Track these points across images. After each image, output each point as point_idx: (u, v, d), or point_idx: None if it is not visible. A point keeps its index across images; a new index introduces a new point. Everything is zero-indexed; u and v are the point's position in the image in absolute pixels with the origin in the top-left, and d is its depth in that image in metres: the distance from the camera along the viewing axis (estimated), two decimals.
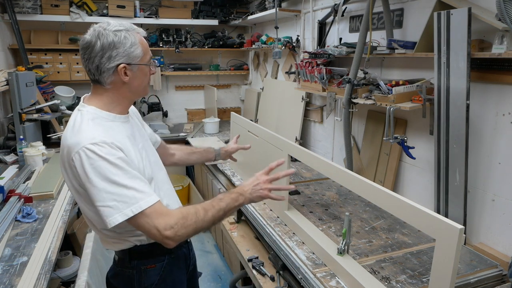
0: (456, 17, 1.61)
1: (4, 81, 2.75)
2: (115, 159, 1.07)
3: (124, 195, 1.06)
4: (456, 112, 1.68)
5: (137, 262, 1.27)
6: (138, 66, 1.18)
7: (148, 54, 1.22)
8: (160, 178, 1.33)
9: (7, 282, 1.37)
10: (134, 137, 1.25)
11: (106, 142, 1.07)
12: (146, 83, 1.25)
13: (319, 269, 1.50)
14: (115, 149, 1.08)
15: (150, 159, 1.30)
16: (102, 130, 1.11)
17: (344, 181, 1.47)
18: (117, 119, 1.21)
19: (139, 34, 1.20)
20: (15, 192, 2.07)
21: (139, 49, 1.17)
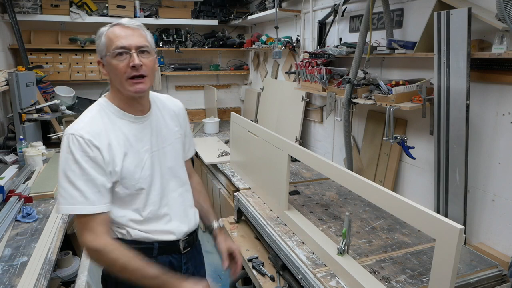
0: (456, 17, 1.61)
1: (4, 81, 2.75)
2: (81, 156, 1.08)
3: (69, 192, 1.08)
4: (456, 112, 1.68)
5: None
6: (106, 59, 1.13)
7: (112, 44, 1.11)
8: (168, 186, 1.27)
9: (7, 282, 1.37)
10: (141, 139, 1.20)
11: (83, 137, 1.08)
12: (120, 77, 1.12)
13: (319, 269, 1.50)
14: (88, 146, 1.08)
15: (162, 165, 1.25)
16: (92, 123, 1.12)
17: (344, 181, 1.47)
18: (126, 117, 1.18)
19: (113, 26, 1.14)
20: (15, 192, 2.07)
21: (102, 39, 1.13)
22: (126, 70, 1.11)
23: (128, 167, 1.15)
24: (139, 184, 1.18)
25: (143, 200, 1.20)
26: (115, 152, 1.13)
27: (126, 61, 1.11)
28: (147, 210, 1.21)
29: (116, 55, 1.11)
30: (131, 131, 1.18)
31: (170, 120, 1.32)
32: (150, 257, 1.20)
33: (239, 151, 2.64)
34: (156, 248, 1.24)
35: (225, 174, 2.76)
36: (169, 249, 1.27)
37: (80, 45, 3.80)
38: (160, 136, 1.27)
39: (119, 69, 1.11)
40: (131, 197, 1.19)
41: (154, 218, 1.23)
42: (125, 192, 1.17)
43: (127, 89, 1.13)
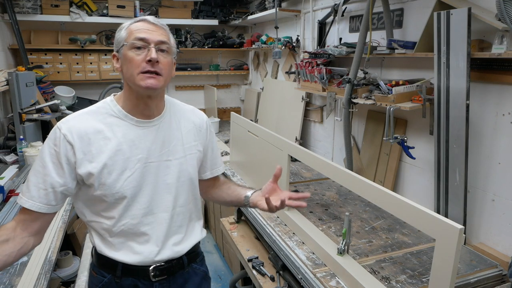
0: (456, 17, 1.61)
1: (4, 81, 2.75)
2: (48, 147, 1.04)
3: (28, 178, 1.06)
4: (456, 112, 1.68)
5: (92, 260, 1.22)
6: (122, 51, 1.07)
7: (132, 35, 1.05)
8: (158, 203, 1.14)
9: (7, 282, 1.37)
10: (137, 145, 1.10)
11: (60, 129, 1.04)
12: (133, 70, 1.04)
13: (319, 269, 1.50)
14: (59, 141, 1.03)
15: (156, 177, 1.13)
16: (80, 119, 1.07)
17: (344, 181, 1.47)
18: (127, 119, 1.10)
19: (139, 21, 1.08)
20: (15, 192, 2.07)
21: (123, 32, 1.07)
22: (141, 64, 1.04)
23: (109, 174, 1.06)
24: (119, 194, 1.07)
25: (120, 211, 1.09)
26: (96, 155, 1.05)
27: (143, 55, 1.04)
28: (122, 221, 1.10)
29: (133, 47, 1.04)
30: (128, 135, 1.09)
31: (187, 133, 1.20)
32: (114, 276, 1.14)
33: (239, 151, 2.64)
34: (119, 268, 1.14)
35: (225, 174, 2.76)
36: (135, 273, 1.15)
37: (80, 45, 3.80)
38: (165, 147, 1.14)
39: (134, 62, 1.04)
40: (109, 204, 1.09)
41: (129, 234, 1.11)
42: (102, 198, 1.08)
43: (137, 83, 1.04)
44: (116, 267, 1.14)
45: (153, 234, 1.14)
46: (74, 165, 1.04)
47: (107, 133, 1.07)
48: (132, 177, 1.09)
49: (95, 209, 1.11)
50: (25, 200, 1.03)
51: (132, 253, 1.13)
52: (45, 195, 1.04)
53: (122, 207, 1.09)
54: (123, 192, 1.08)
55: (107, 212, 1.10)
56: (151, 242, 1.14)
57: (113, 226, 1.10)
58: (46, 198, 1.04)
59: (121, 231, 1.11)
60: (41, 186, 1.03)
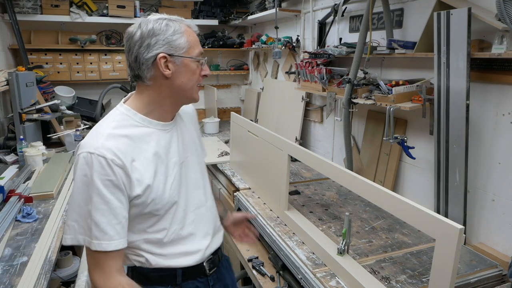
0: (456, 17, 1.61)
1: (4, 81, 2.75)
2: (101, 180, 0.94)
3: (82, 223, 0.96)
4: (456, 112, 1.68)
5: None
6: (182, 59, 1.02)
7: (196, 48, 1.05)
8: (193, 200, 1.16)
9: (7, 282, 1.37)
10: (169, 149, 1.08)
11: (104, 156, 0.94)
12: (193, 83, 1.06)
13: (319, 269, 1.50)
14: (111, 168, 0.94)
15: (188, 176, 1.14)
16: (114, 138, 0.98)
17: (344, 181, 1.47)
18: (152, 125, 1.05)
19: (187, 26, 1.04)
20: (15, 192, 2.07)
21: (184, 39, 1.02)
22: (199, 76, 1.08)
23: (158, 186, 1.03)
24: (169, 204, 1.06)
25: (169, 220, 1.08)
26: (143, 170, 1.00)
27: (200, 68, 1.08)
28: (171, 230, 1.09)
29: (199, 61, 1.06)
30: (160, 142, 1.06)
31: (189, 125, 1.22)
32: (173, 285, 1.12)
33: (239, 151, 2.64)
34: (180, 274, 1.12)
35: (225, 174, 2.76)
36: (194, 273, 1.16)
37: (80, 45, 3.80)
38: (185, 144, 1.15)
39: (197, 75, 1.06)
40: (159, 218, 1.06)
41: (177, 239, 1.11)
42: (154, 214, 1.05)
43: (193, 96, 1.08)
44: (175, 275, 1.12)
45: (197, 231, 1.16)
46: (130, 188, 0.98)
47: (142, 145, 1.02)
48: (174, 182, 1.08)
49: (141, 228, 1.07)
50: (107, 244, 0.95)
51: (188, 255, 1.13)
52: (121, 228, 0.98)
53: (170, 216, 1.09)
54: (171, 201, 1.07)
55: (156, 226, 1.07)
56: (199, 239, 1.16)
57: (164, 238, 1.08)
58: (123, 231, 0.99)
59: (172, 240, 1.10)
60: (114, 222, 0.96)
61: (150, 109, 1.06)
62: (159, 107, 1.06)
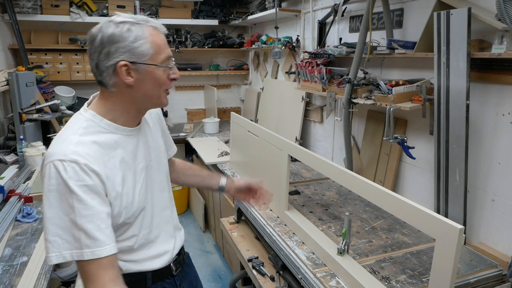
0: (456, 17, 1.61)
1: (4, 81, 2.75)
2: (78, 186, 0.88)
3: (69, 234, 0.88)
4: (456, 112, 1.68)
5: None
6: (145, 67, 0.95)
7: (162, 53, 0.98)
8: (159, 203, 1.14)
9: (7, 282, 1.37)
10: (136, 155, 1.05)
11: (77, 162, 0.88)
12: (160, 90, 0.99)
13: (319, 269, 1.50)
14: (85, 173, 0.89)
15: (153, 180, 1.12)
16: (84, 144, 0.93)
17: (344, 181, 1.47)
18: (119, 131, 1.01)
19: (152, 28, 0.97)
20: (15, 192, 2.07)
21: (147, 45, 0.94)
22: (167, 82, 1.00)
23: (128, 193, 1.00)
24: (138, 210, 1.04)
25: (138, 226, 1.06)
26: (113, 178, 0.96)
27: (168, 72, 1.00)
28: (141, 235, 1.08)
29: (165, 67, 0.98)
30: (126, 148, 1.02)
31: (153, 125, 1.17)
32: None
33: (239, 151, 2.64)
34: (149, 278, 1.12)
35: (225, 174, 2.76)
36: (162, 275, 1.16)
37: (80, 45, 3.80)
38: (149, 148, 1.12)
39: (163, 81, 0.99)
40: (129, 225, 1.04)
41: (146, 244, 1.11)
42: (126, 222, 1.02)
43: (161, 102, 1.01)
44: (145, 279, 1.12)
45: (162, 233, 1.16)
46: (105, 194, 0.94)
47: (109, 151, 0.97)
48: (142, 188, 1.06)
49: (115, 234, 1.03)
50: (100, 251, 0.89)
51: (157, 258, 1.14)
52: (111, 232, 0.93)
53: (139, 222, 1.07)
54: (140, 207, 1.05)
55: (126, 233, 1.04)
56: (165, 241, 1.17)
57: (134, 244, 1.07)
58: (112, 235, 0.94)
59: (141, 245, 1.09)
60: (103, 226, 0.91)
61: (116, 115, 1.00)
62: (125, 113, 1.01)
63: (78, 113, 1.02)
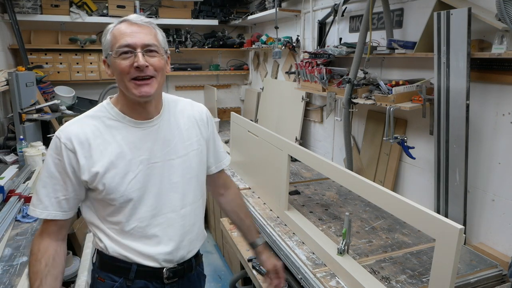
0: (456, 17, 1.61)
1: (4, 81, 2.75)
2: (52, 158, 1.05)
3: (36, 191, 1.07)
4: (456, 112, 1.68)
5: (95, 267, 1.17)
6: (110, 58, 1.04)
7: (117, 42, 1.01)
8: (166, 203, 1.13)
9: (7, 282, 1.37)
10: (138, 146, 1.08)
11: (60, 138, 1.03)
12: (121, 78, 1.03)
13: (319, 269, 1.50)
14: (61, 150, 1.03)
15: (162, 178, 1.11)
16: (78, 125, 1.06)
17: (344, 181, 1.47)
18: (125, 121, 1.08)
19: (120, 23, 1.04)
20: (15, 192, 2.07)
21: (108, 37, 1.04)
22: (129, 70, 1.01)
23: (113, 178, 1.04)
24: (124, 197, 1.06)
25: (126, 215, 1.08)
26: (98, 159, 1.04)
27: (130, 61, 1.00)
28: (130, 226, 1.08)
29: (120, 54, 1.00)
30: (128, 138, 1.07)
31: (187, 128, 1.18)
32: (126, 279, 1.12)
33: (239, 151, 2.64)
34: (133, 270, 1.11)
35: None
36: (149, 275, 1.13)
37: (80, 45, 3.80)
38: (167, 146, 1.12)
39: (122, 69, 1.01)
40: (116, 208, 1.07)
41: (139, 237, 1.10)
42: (109, 203, 1.07)
43: (131, 92, 1.02)
44: (129, 270, 1.11)
45: (164, 235, 1.13)
46: (79, 172, 1.04)
47: (106, 136, 1.06)
48: (136, 179, 1.07)
49: (101, 214, 1.11)
50: (40, 212, 1.06)
51: (146, 255, 1.11)
52: (57, 203, 1.06)
53: (128, 211, 1.08)
54: (128, 195, 1.06)
55: (113, 216, 1.09)
56: (164, 244, 1.13)
57: (122, 229, 1.09)
58: (59, 206, 1.06)
59: (131, 234, 1.10)
60: (51, 195, 1.05)
61: (121, 104, 1.10)
62: (124, 103, 1.10)
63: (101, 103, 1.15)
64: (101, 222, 1.11)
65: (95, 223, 1.12)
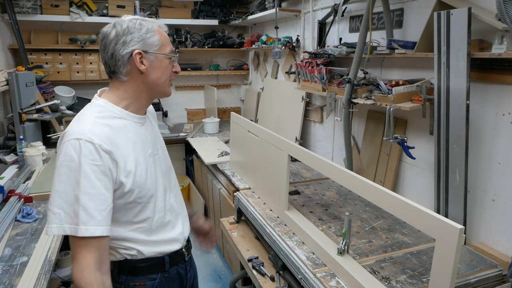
0: (456, 17, 1.61)
1: (4, 81, 2.75)
2: (88, 164, 0.95)
3: (71, 208, 0.94)
4: (456, 112, 1.68)
5: (125, 278, 1.15)
6: (155, 55, 1.09)
7: (168, 46, 1.13)
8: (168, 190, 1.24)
9: (7, 282, 1.37)
10: (145, 141, 1.14)
11: (92, 142, 0.96)
12: (166, 78, 1.13)
13: (319, 269, 1.50)
14: (98, 153, 0.97)
15: (161, 167, 1.22)
16: (99, 126, 1.02)
17: (344, 181, 1.47)
18: (130, 117, 1.11)
19: (158, 26, 1.12)
20: (15, 192, 2.07)
21: (156, 36, 1.09)
22: (171, 72, 1.15)
23: (141, 174, 1.08)
24: (151, 191, 1.12)
25: (152, 208, 1.13)
26: (126, 157, 1.04)
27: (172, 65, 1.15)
28: (155, 218, 1.15)
29: (169, 57, 1.13)
30: (136, 134, 1.11)
31: (155, 121, 1.31)
32: (162, 272, 1.19)
33: (239, 151, 2.64)
34: (167, 261, 1.20)
35: (225, 174, 2.76)
36: (177, 259, 1.24)
37: (80, 45, 3.80)
38: (155, 138, 1.24)
39: (169, 70, 1.14)
40: (143, 206, 1.10)
41: (161, 227, 1.18)
42: (138, 202, 1.08)
43: (167, 90, 1.16)
44: (163, 263, 1.19)
45: (174, 218, 1.24)
46: (117, 174, 1.01)
47: (121, 135, 1.06)
48: (151, 172, 1.14)
49: (126, 219, 1.09)
50: (94, 229, 0.95)
51: (172, 241, 1.21)
52: (107, 215, 0.99)
53: (153, 204, 1.14)
54: (152, 189, 1.13)
55: (141, 215, 1.11)
56: (177, 226, 1.25)
57: (151, 226, 1.14)
58: (109, 218, 0.99)
59: (157, 228, 1.16)
60: (101, 207, 0.97)
61: (127, 103, 1.11)
62: (135, 101, 1.12)
63: (91, 102, 1.12)
64: (126, 230, 1.10)
65: (119, 235, 1.09)
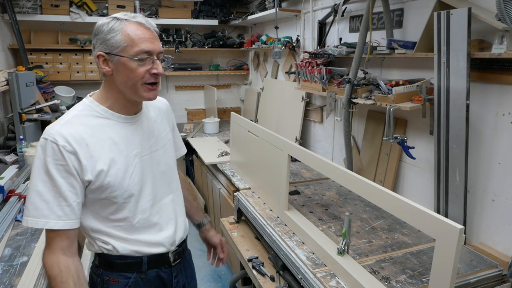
0: (456, 17, 1.61)
1: (4, 81, 2.75)
2: (53, 164, 0.98)
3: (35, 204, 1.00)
4: (456, 112, 1.68)
5: (102, 271, 1.17)
6: (118, 58, 1.02)
7: (136, 47, 1.01)
8: (160, 192, 1.21)
9: (7, 282, 1.37)
10: (131, 141, 1.12)
11: (56, 142, 0.98)
12: (135, 81, 1.04)
13: (319, 269, 1.50)
14: (61, 154, 0.98)
15: (153, 169, 1.18)
16: (72, 125, 1.02)
17: (344, 181, 1.47)
18: (114, 117, 1.09)
19: (136, 24, 1.03)
20: (15, 192, 2.07)
21: (118, 37, 1.01)
22: (144, 75, 1.04)
23: (116, 174, 1.07)
24: (128, 192, 1.10)
25: (132, 209, 1.12)
26: (99, 157, 1.04)
27: (147, 66, 1.04)
28: (136, 219, 1.13)
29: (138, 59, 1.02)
30: (119, 134, 1.09)
31: (160, 120, 1.25)
32: (139, 272, 1.17)
33: (239, 151, 2.64)
34: (145, 262, 1.17)
35: (225, 174, 2.76)
36: (158, 262, 1.21)
37: (80, 45, 3.80)
38: (152, 138, 1.19)
39: (137, 74, 1.03)
40: (119, 205, 1.10)
41: (144, 228, 1.16)
42: (112, 201, 1.08)
43: (141, 94, 1.06)
44: (141, 263, 1.17)
45: (163, 221, 1.21)
46: (82, 173, 1.02)
47: (99, 134, 1.06)
48: (134, 173, 1.11)
49: (103, 215, 1.11)
50: (54, 223, 1.00)
51: (154, 244, 1.18)
52: (71, 211, 1.02)
53: (133, 205, 1.12)
54: (130, 190, 1.10)
55: (117, 214, 1.11)
56: (165, 229, 1.21)
57: (131, 225, 1.13)
58: (73, 213, 1.03)
59: (137, 228, 1.15)
60: (63, 204, 1.01)
61: (110, 102, 1.10)
62: (115, 101, 1.10)
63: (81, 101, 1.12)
64: (103, 225, 1.12)
65: (95, 227, 1.12)
